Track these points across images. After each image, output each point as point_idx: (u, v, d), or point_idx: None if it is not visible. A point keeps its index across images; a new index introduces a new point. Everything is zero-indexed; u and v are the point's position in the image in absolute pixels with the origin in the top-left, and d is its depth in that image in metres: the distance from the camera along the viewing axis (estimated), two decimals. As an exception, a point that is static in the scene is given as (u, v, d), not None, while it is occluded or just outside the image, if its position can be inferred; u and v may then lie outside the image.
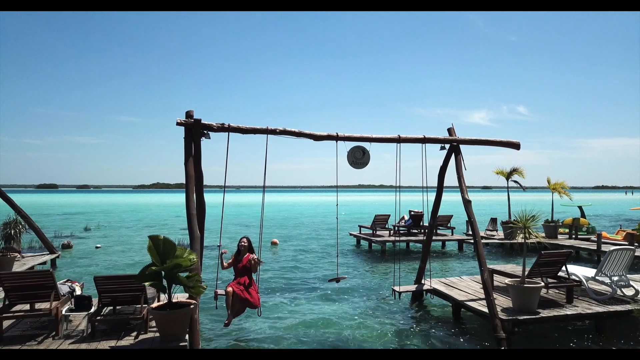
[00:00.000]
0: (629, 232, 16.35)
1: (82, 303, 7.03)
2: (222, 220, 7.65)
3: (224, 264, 7.66)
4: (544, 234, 18.71)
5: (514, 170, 21.91)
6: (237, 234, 25.53)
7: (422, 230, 19.16)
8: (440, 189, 9.85)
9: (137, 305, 6.96)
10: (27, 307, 7.02)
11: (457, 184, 9.00)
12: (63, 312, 6.84)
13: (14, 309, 7.02)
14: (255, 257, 7.66)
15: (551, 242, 17.43)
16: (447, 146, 9.26)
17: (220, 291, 7.58)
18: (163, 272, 6.24)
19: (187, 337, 6.31)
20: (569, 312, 7.76)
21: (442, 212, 13.01)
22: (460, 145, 9.12)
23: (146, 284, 6.33)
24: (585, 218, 20.98)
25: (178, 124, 7.30)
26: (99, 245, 19.99)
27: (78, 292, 7.70)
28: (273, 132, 7.74)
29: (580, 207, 21.53)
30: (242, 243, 7.73)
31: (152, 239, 6.26)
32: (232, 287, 7.33)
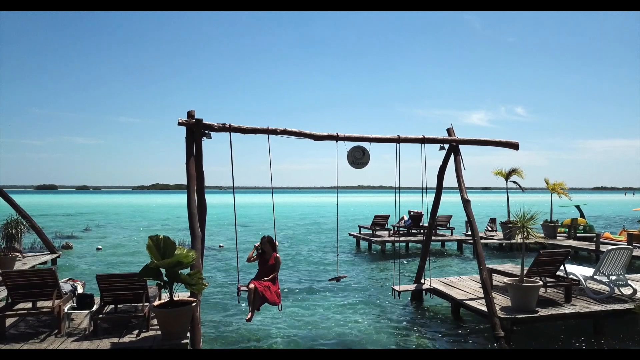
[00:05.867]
0: (630, 233, 16.37)
1: (84, 301, 7.07)
2: (235, 220, 7.66)
3: (252, 256, 7.77)
4: (543, 234, 18.76)
5: (513, 171, 21.97)
6: (238, 234, 25.54)
7: (422, 231, 19.21)
8: (439, 189, 9.90)
9: (139, 304, 7.00)
10: (29, 305, 7.07)
11: (456, 185, 9.05)
12: (65, 311, 6.88)
13: (17, 307, 7.09)
14: (279, 256, 7.81)
15: (550, 242, 17.48)
16: (446, 146, 9.32)
17: (243, 287, 7.63)
18: (164, 270, 6.30)
19: (188, 335, 6.37)
20: (567, 311, 7.83)
21: (441, 212, 13.06)
22: (460, 146, 9.18)
23: (148, 281, 6.38)
24: (584, 218, 21.04)
25: (179, 123, 7.35)
26: (100, 247, 19.91)
27: (80, 290, 7.75)
28: (274, 132, 7.79)
29: (578, 207, 21.63)
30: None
31: (151, 239, 6.30)
32: (255, 284, 7.38)
